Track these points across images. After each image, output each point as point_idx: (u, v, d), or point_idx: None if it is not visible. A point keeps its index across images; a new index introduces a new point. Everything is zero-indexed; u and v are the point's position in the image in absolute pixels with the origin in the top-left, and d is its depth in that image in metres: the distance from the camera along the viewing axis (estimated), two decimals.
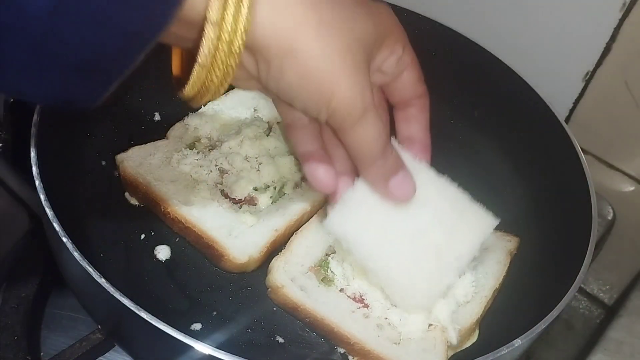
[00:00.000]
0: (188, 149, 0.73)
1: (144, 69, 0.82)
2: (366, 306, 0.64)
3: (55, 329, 0.66)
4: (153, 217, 0.70)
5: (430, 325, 0.63)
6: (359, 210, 0.61)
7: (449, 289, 0.64)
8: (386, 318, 0.63)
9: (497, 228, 0.73)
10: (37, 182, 0.57)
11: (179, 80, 0.50)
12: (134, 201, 0.71)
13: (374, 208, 0.61)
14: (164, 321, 0.50)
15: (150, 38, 0.42)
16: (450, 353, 0.63)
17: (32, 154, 0.59)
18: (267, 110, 0.80)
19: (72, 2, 0.38)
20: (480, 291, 0.66)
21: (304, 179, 0.74)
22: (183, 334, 0.50)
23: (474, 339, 0.66)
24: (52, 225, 0.55)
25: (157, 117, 0.80)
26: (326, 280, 0.65)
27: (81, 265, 0.53)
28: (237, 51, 0.46)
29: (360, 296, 0.64)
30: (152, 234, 0.69)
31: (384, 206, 0.61)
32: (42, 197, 0.56)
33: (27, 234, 0.72)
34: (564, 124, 0.76)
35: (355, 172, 0.60)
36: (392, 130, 0.63)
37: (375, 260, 0.61)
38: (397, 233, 0.61)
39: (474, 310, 0.65)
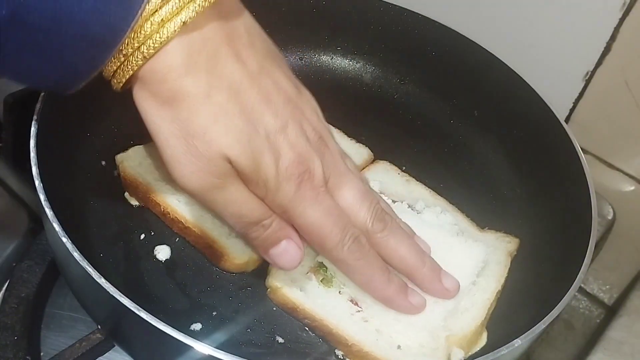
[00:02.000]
0: None
1: None
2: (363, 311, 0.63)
3: (55, 329, 0.66)
4: (153, 217, 0.70)
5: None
6: None
7: (453, 310, 0.64)
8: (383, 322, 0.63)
9: (497, 229, 0.74)
10: (37, 182, 0.57)
11: None
12: (134, 201, 0.71)
13: None
14: (163, 321, 0.50)
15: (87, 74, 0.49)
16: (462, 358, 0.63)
17: (32, 154, 0.59)
18: None
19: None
20: (482, 294, 0.66)
21: None
22: (183, 334, 0.50)
23: (482, 342, 0.65)
24: (52, 225, 0.55)
25: None
26: (325, 281, 0.65)
27: (81, 265, 0.53)
28: None
29: (356, 302, 0.64)
30: (152, 234, 0.69)
31: None
32: (42, 197, 0.56)
33: (27, 234, 0.72)
34: (564, 124, 0.76)
35: None
36: None
37: (365, 295, 0.63)
38: None
39: (478, 314, 0.64)
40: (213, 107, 0.50)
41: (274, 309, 0.65)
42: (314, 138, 0.57)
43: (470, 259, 0.68)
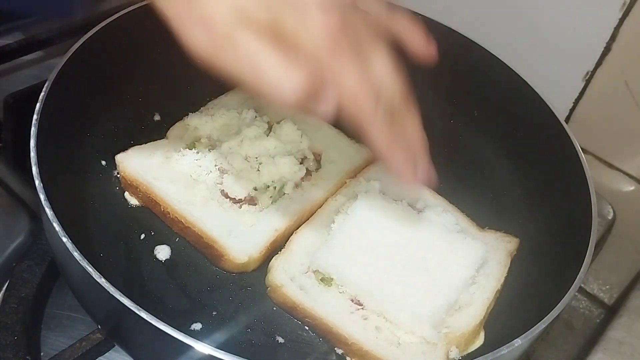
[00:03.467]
0: (188, 148, 0.73)
1: (145, 68, 0.82)
2: (364, 308, 0.63)
3: (55, 329, 0.66)
4: (153, 217, 0.70)
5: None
6: (346, 246, 0.65)
7: (454, 305, 0.64)
8: (384, 319, 0.63)
9: (497, 228, 0.74)
10: (37, 182, 0.57)
11: None
12: (134, 201, 0.71)
13: (360, 243, 0.65)
14: (164, 321, 0.50)
15: None
16: (457, 357, 0.63)
17: (32, 154, 0.59)
18: (267, 110, 0.80)
19: None
20: (482, 293, 0.66)
21: (304, 179, 0.74)
22: (183, 334, 0.50)
23: (479, 342, 0.66)
24: (52, 225, 0.55)
25: (157, 117, 0.80)
26: (325, 280, 0.65)
27: (81, 265, 0.53)
28: None
29: (358, 300, 0.64)
30: (152, 234, 0.69)
31: (371, 241, 0.65)
32: (42, 197, 0.56)
33: (27, 234, 0.72)
34: (564, 123, 0.76)
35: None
36: None
37: (368, 289, 0.63)
38: (386, 263, 0.65)
39: (477, 312, 0.65)
40: None
41: (274, 308, 0.65)
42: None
43: (470, 255, 0.67)
